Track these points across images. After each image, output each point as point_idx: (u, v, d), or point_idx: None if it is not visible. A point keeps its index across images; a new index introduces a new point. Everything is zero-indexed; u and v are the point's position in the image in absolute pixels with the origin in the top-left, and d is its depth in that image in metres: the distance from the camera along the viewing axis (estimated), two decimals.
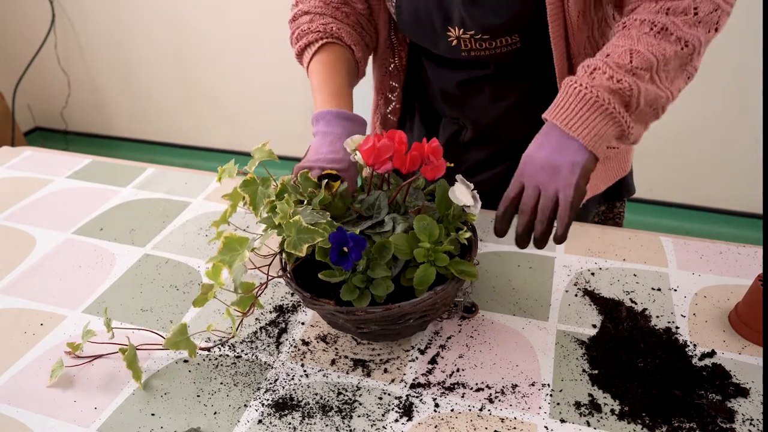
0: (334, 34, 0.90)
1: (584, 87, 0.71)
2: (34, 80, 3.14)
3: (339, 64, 0.89)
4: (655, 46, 0.73)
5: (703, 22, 0.74)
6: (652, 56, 0.72)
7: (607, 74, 0.71)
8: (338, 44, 0.90)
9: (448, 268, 0.69)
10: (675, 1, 0.74)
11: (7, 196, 1.13)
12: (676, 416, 0.66)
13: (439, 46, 0.90)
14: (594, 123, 0.71)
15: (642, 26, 0.74)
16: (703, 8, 0.74)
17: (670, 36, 0.74)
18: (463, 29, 0.85)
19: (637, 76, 0.72)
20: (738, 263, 0.88)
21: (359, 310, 0.67)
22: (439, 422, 0.66)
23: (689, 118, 2.22)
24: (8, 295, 0.88)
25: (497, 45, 0.86)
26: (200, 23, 2.70)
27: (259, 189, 0.73)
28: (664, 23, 0.73)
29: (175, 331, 0.70)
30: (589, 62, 0.73)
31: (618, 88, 0.71)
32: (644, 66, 0.72)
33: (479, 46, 0.87)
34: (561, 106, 0.72)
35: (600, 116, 0.71)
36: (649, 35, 0.73)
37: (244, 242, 0.68)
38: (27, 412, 0.70)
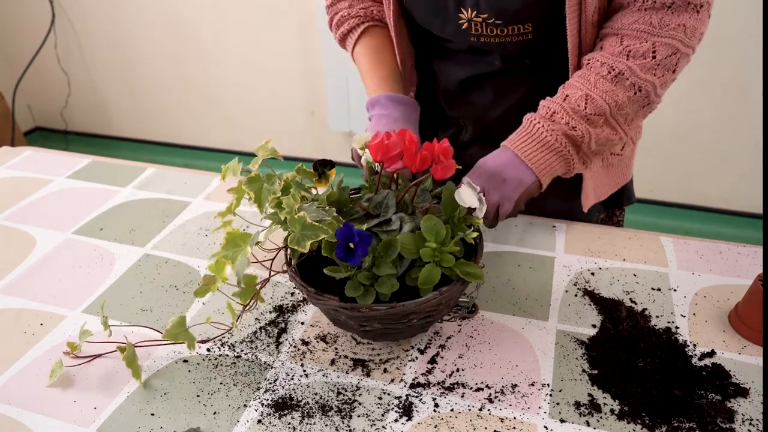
0: (375, 17, 0.92)
1: (545, 129, 0.81)
2: (34, 80, 3.14)
3: (385, 47, 0.93)
4: (609, 93, 0.80)
5: (661, 65, 0.79)
6: (604, 104, 0.80)
7: (564, 119, 0.81)
8: (380, 26, 0.93)
9: (454, 269, 0.69)
10: (636, 44, 0.79)
11: (7, 196, 1.13)
12: (676, 416, 0.66)
13: (447, 29, 0.89)
14: (546, 158, 0.82)
15: (601, 68, 0.80)
16: (661, 52, 0.79)
17: (624, 81, 0.80)
18: (476, 12, 0.84)
19: (590, 122, 0.81)
20: (738, 263, 0.88)
21: (363, 307, 0.67)
22: (439, 422, 0.66)
23: (689, 118, 2.22)
24: (8, 295, 0.88)
25: (509, 32, 0.85)
26: (200, 23, 2.70)
27: (264, 186, 0.73)
28: (621, 69, 0.79)
29: (174, 322, 0.70)
30: (550, 105, 0.82)
31: (572, 134, 0.81)
32: (598, 112, 0.80)
33: (490, 32, 0.85)
34: (521, 140, 0.82)
35: (553, 155, 0.82)
36: (606, 79, 0.80)
37: (247, 238, 0.68)
38: (27, 412, 0.70)
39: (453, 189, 0.72)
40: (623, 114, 0.81)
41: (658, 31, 0.78)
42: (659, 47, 0.78)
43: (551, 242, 0.94)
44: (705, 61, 2.07)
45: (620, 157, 0.98)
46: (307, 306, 0.84)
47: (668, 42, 0.78)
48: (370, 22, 0.93)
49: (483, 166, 0.83)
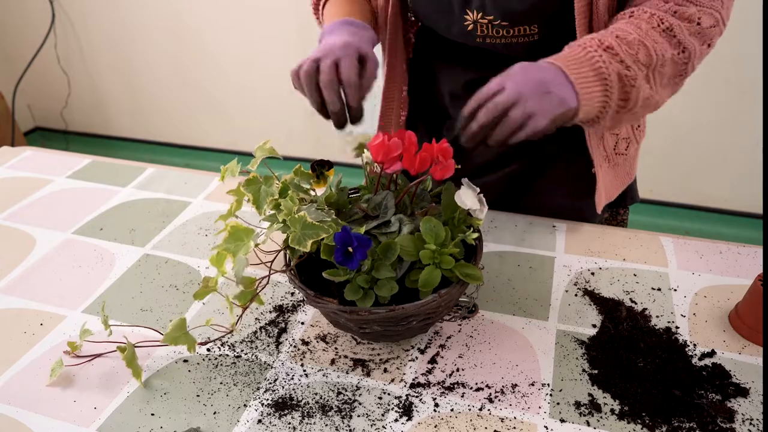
0: None
1: (600, 57, 0.71)
2: (34, 80, 3.14)
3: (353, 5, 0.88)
4: (659, 44, 0.73)
5: (703, 34, 0.75)
6: (654, 54, 0.72)
7: (618, 57, 0.71)
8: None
9: (453, 271, 0.69)
10: (682, 7, 0.74)
11: (7, 196, 1.13)
12: (676, 416, 0.66)
13: (453, 30, 0.88)
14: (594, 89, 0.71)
15: (651, 20, 0.74)
16: (705, 21, 0.75)
17: (672, 38, 0.74)
18: (482, 13, 0.84)
19: (639, 69, 0.72)
20: (738, 263, 0.88)
21: (362, 311, 0.67)
22: (439, 422, 0.66)
23: (689, 118, 2.22)
24: (8, 295, 0.88)
25: (515, 33, 0.85)
26: (200, 23, 2.70)
27: (262, 188, 0.73)
28: (671, 24, 0.73)
29: (174, 325, 0.70)
30: (602, 37, 0.72)
31: (625, 74, 0.71)
32: (647, 63, 0.72)
33: (496, 33, 0.85)
34: (573, 61, 0.71)
35: (600, 89, 0.71)
36: (656, 31, 0.73)
37: (250, 233, 0.68)
38: (27, 412, 0.70)
39: (453, 190, 0.72)
40: (663, 73, 0.75)
41: (701, 1, 0.75)
42: (703, 15, 0.74)
43: (551, 242, 0.94)
44: (705, 60, 2.07)
45: (625, 156, 0.98)
46: (307, 306, 0.84)
47: (710, 12, 0.75)
48: None
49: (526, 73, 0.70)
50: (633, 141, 0.99)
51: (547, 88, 0.69)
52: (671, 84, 0.77)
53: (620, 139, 0.96)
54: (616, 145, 0.96)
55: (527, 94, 0.68)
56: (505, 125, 0.68)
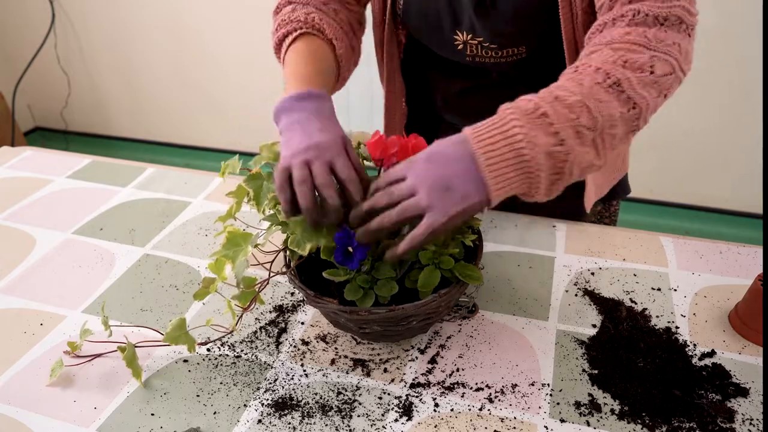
0: (315, 26, 0.83)
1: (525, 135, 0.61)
2: (34, 80, 3.14)
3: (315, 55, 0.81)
4: (605, 104, 0.64)
5: (658, 84, 0.67)
6: (599, 116, 0.64)
7: (553, 128, 0.62)
8: (318, 36, 0.83)
9: (453, 272, 0.69)
10: (634, 55, 0.67)
11: (7, 196, 1.13)
12: (676, 416, 0.66)
13: (443, 48, 0.89)
14: (510, 175, 0.62)
15: (596, 74, 0.66)
16: (660, 68, 0.67)
17: (621, 94, 0.66)
18: (472, 35, 0.85)
19: (580, 137, 0.63)
20: (738, 263, 0.88)
21: (362, 311, 0.67)
22: (439, 422, 0.66)
23: (689, 118, 2.22)
24: (8, 295, 0.88)
25: (504, 54, 0.86)
26: (200, 23, 2.70)
27: (264, 184, 0.73)
28: (619, 78, 0.65)
29: (174, 325, 0.70)
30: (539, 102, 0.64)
31: (557, 151, 0.62)
32: (590, 126, 0.63)
33: (485, 54, 0.86)
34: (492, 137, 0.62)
35: (520, 174, 0.62)
36: (601, 87, 0.65)
37: (248, 238, 0.68)
38: (27, 412, 0.70)
39: None
40: (612, 134, 0.66)
41: (655, 46, 0.67)
42: (657, 63, 0.67)
43: (551, 242, 0.94)
44: (705, 61, 2.07)
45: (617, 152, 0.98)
46: (307, 306, 0.84)
47: (666, 59, 0.67)
48: (307, 30, 0.82)
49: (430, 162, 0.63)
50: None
51: (448, 183, 0.61)
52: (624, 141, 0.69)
53: None
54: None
55: (426, 188, 0.61)
56: (392, 212, 0.62)
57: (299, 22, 0.83)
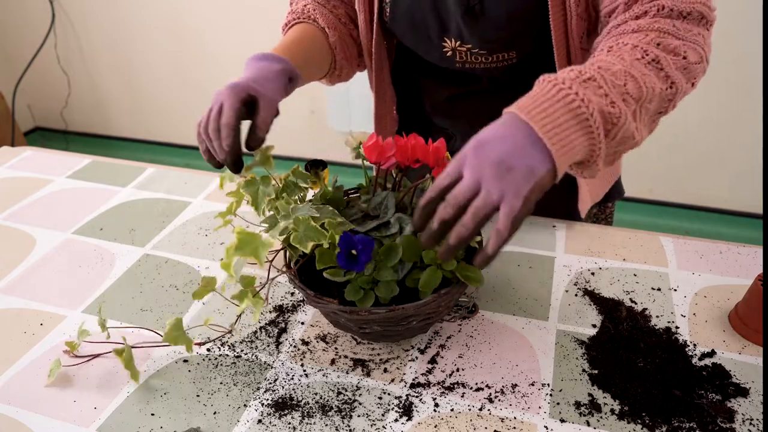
0: (310, 16, 0.89)
1: (577, 95, 0.58)
2: (34, 80, 3.14)
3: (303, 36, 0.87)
4: (647, 76, 0.63)
5: (688, 70, 0.67)
6: (644, 86, 0.62)
7: (603, 90, 0.59)
8: (309, 23, 0.89)
9: (454, 272, 0.69)
10: (666, 39, 0.66)
11: (7, 196, 1.13)
12: (676, 416, 0.66)
13: (432, 55, 0.89)
14: (572, 137, 0.58)
15: (634, 51, 0.65)
16: (691, 56, 0.67)
17: (659, 71, 0.64)
18: (460, 42, 0.84)
19: (626, 103, 0.61)
20: (738, 263, 0.88)
21: (362, 311, 0.67)
22: (439, 422, 0.66)
23: (689, 117, 2.22)
24: (8, 295, 0.88)
25: (493, 60, 0.85)
26: (200, 23, 2.70)
27: (260, 188, 0.73)
28: (656, 56, 0.65)
29: (172, 325, 0.70)
30: (582, 69, 0.61)
31: (609, 111, 0.59)
32: (635, 96, 0.62)
33: (475, 60, 0.85)
34: (540, 105, 0.58)
35: (581, 133, 0.58)
36: (641, 62, 0.64)
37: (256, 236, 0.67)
38: (27, 412, 0.70)
39: None
40: (648, 109, 0.64)
41: (684, 35, 0.67)
42: (689, 50, 0.67)
43: (551, 242, 0.94)
44: None
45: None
46: (307, 306, 0.84)
47: (695, 48, 0.67)
48: (301, 19, 0.89)
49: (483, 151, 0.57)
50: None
51: (508, 164, 0.56)
52: (651, 122, 0.67)
53: None
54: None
55: (488, 176, 0.56)
56: (466, 219, 0.56)
57: (296, 13, 0.90)
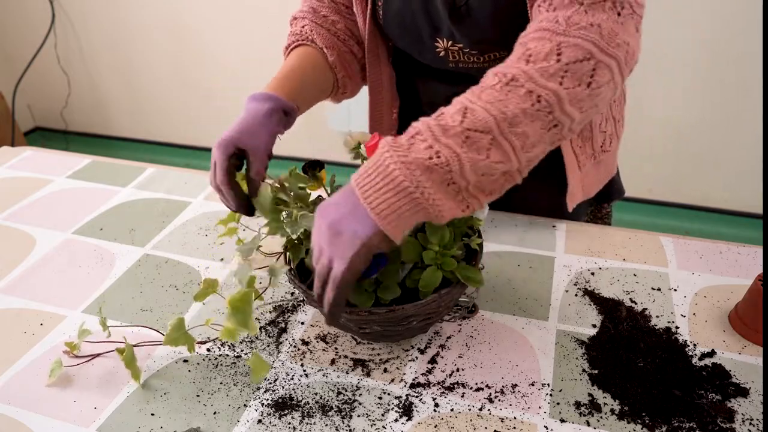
0: (308, 38, 0.89)
1: (395, 162, 0.59)
2: (34, 80, 3.14)
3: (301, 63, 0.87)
4: (495, 103, 0.60)
5: (570, 72, 0.61)
6: (488, 115, 0.59)
7: (426, 143, 0.59)
8: (307, 45, 0.89)
9: (454, 273, 0.69)
10: (538, 46, 0.62)
11: (7, 196, 1.13)
12: (676, 416, 0.66)
13: (426, 56, 0.89)
14: (393, 201, 0.59)
15: (492, 79, 0.62)
16: (568, 54, 0.61)
17: (519, 89, 0.60)
18: (452, 41, 0.84)
19: (469, 142, 0.59)
20: (738, 263, 0.88)
21: (363, 311, 0.67)
22: (439, 422, 0.66)
23: (689, 117, 2.22)
24: (8, 295, 0.88)
25: (486, 59, 0.85)
26: (200, 23, 2.70)
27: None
28: (514, 74, 0.61)
29: (173, 325, 0.70)
30: (416, 124, 0.62)
31: (435, 164, 0.59)
32: (479, 128, 0.59)
33: (467, 59, 0.85)
34: (367, 173, 0.61)
35: (402, 197, 0.59)
36: (494, 89, 0.61)
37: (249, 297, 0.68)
38: (27, 412, 0.70)
39: None
40: (518, 133, 0.60)
41: (565, 30, 0.62)
42: (565, 48, 0.61)
43: (551, 242, 0.94)
44: (705, 60, 2.07)
45: (609, 152, 0.97)
46: (307, 306, 0.84)
47: (577, 42, 0.61)
48: (300, 41, 0.89)
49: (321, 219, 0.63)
50: (615, 136, 0.97)
51: (336, 228, 0.61)
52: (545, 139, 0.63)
53: (607, 136, 0.95)
54: (603, 143, 0.94)
55: (323, 243, 0.63)
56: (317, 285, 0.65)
57: (295, 35, 0.90)
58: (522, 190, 0.96)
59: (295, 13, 0.93)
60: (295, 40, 0.89)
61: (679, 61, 2.09)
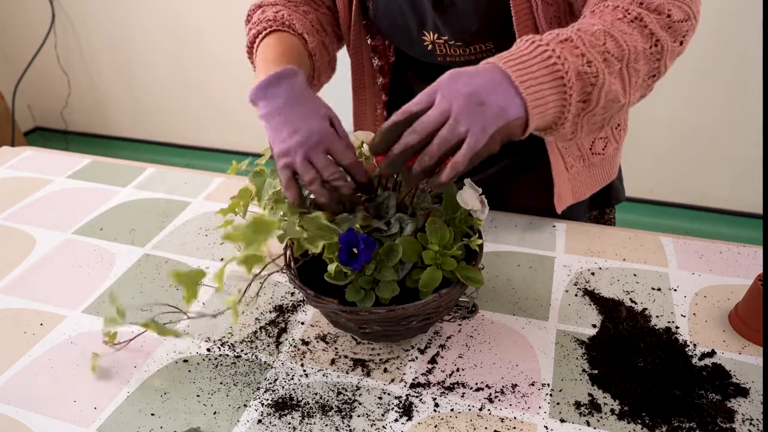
0: (285, 22, 0.82)
1: (554, 52, 0.58)
2: (34, 80, 3.14)
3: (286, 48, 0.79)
4: (628, 35, 0.62)
5: (673, 28, 0.66)
6: (625, 45, 0.62)
7: (579, 50, 0.59)
8: (288, 32, 0.82)
9: (454, 273, 0.69)
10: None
11: (7, 196, 1.13)
12: (676, 416, 0.66)
13: (415, 49, 0.89)
14: (546, 90, 0.58)
15: (615, 12, 0.65)
16: (676, 14, 0.66)
17: (643, 29, 0.64)
18: (437, 34, 0.84)
19: (608, 63, 0.61)
20: (738, 263, 0.88)
21: (363, 310, 0.67)
22: (439, 422, 0.66)
23: (689, 118, 2.22)
24: (8, 295, 0.88)
25: (472, 51, 0.85)
26: (200, 23, 2.70)
27: (267, 180, 0.73)
28: (639, 14, 0.64)
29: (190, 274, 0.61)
30: (560, 31, 0.61)
31: (585, 72, 0.59)
32: (617, 54, 0.61)
33: (454, 52, 0.85)
34: (516, 58, 0.58)
35: (554, 89, 0.58)
36: (623, 22, 0.64)
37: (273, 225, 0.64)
38: (27, 412, 0.70)
39: (454, 189, 0.72)
40: (636, 69, 0.63)
41: None
42: (672, 8, 0.66)
43: (551, 242, 0.94)
44: (705, 60, 2.07)
45: (602, 156, 0.96)
46: (307, 306, 0.84)
47: (680, 5, 0.66)
48: (277, 27, 0.81)
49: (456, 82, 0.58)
50: (612, 140, 0.96)
51: (480, 98, 0.56)
52: (644, 85, 0.66)
53: (598, 138, 0.94)
54: (593, 145, 0.94)
55: (458, 107, 0.56)
56: (431, 148, 0.57)
57: (268, 21, 0.82)
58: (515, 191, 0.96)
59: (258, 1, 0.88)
60: (270, 25, 0.82)
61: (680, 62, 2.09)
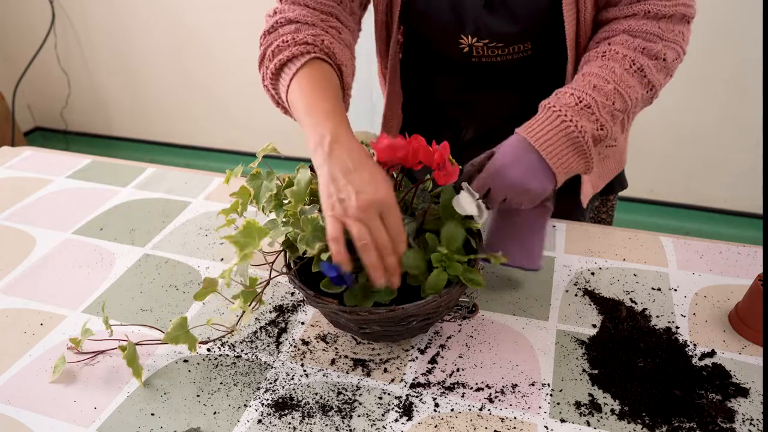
0: (326, 49, 0.75)
1: (574, 125, 0.73)
2: (34, 80, 3.14)
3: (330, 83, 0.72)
4: (632, 88, 0.76)
5: (667, 68, 0.80)
6: (629, 100, 0.76)
7: (594, 116, 0.74)
8: (328, 63, 0.75)
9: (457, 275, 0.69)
10: (650, 43, 0.78)
11: (7, 196, 1.13)
12: (676, 416, 0.66)
13: (450, 51, 0.90)
14: (570, 161, 0.74)
15: (624, 61, 0.77)
16: (669, 56, 0.79)
17: (643, 78, 0.78)
18: (477, 38, 0.85)
19: (614, 117, 0.75)
20: (738, 263, 0.88)
21: (362, 311, 0.67)
22: (439, 422, 0.66)
23: (689, 118, 2.22)
24: (8, 295, 0.88)
25: (509, 52, 0.87)
26: (200, 23, 2.70)
27: (264, 183, 0.73)
28: (642, 65, 0.77)
29: (175, 324, 0.70)
30: (579, 95, 0.74)
31: (600, 135, 0.74)
32: (622, 110, 0.76)
33: (491, 53, 0.87)
34: (544, 134, 0.73)
35: (578, 156, 0.74)
36: (629, 73, 0.77)
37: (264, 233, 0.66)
38: (27, 412, 0.70)
39: (452, 191, 0.72)
40: (634, 113, 0.80)
41: (665, 35, 0.79)
42: (668, 51, 0.79)
43: (551, 242, 0.94)
44: (705, 60, 2.07)
45: (615, 148, 1.00)
46: (307, 306, 0.84)
47: (673, 47, 0.79)
48: (318, 54, 0.73)
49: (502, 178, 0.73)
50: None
51: (525, 186, 0.73)
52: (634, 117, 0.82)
53: None
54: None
55: (510, 196, 0.75)
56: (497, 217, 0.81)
57: (308, 45, 0.74)
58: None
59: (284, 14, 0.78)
60: (310, 50, 0.74)
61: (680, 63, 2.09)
